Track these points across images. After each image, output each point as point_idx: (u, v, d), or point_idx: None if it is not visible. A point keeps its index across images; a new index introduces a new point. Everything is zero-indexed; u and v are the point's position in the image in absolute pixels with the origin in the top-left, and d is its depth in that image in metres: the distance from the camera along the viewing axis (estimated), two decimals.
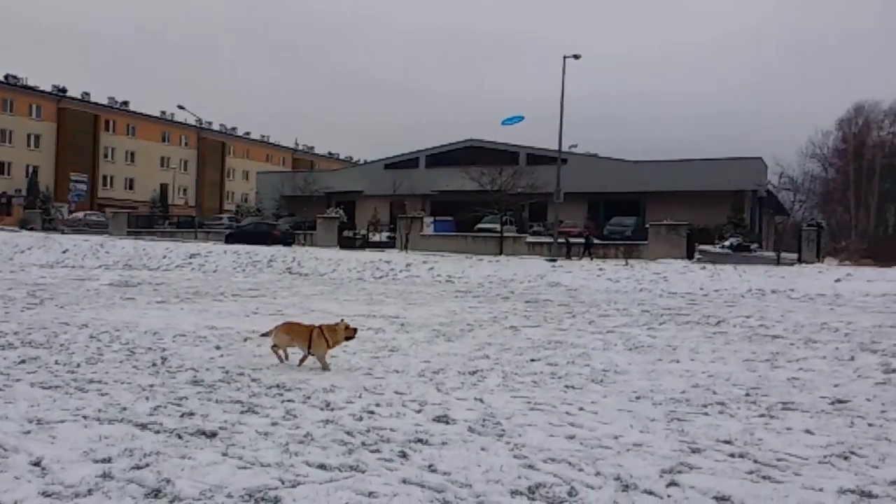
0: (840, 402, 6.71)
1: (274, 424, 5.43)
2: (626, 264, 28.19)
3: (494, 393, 6.78)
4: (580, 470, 4.50)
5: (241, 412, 5.77)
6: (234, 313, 13.02)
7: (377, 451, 4.83)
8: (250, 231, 42.45)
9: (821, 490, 4.23)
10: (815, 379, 7.79)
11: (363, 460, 4.61)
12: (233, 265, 28.54)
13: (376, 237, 44.90)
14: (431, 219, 44.52)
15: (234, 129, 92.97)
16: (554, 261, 30.65)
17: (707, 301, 18.17)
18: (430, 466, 4.52)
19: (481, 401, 6.42)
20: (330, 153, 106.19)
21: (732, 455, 4.91)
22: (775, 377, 7.87)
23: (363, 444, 4.98)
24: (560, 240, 35.07)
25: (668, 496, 4.08)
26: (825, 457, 4.91)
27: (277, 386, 6.81)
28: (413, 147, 60.84)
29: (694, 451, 5.00)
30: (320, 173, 61.24)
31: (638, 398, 6.70)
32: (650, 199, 44.56)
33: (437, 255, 34.04)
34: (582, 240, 35.28)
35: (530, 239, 39.82)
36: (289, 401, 6.21)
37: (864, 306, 16.93)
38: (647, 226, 37.59)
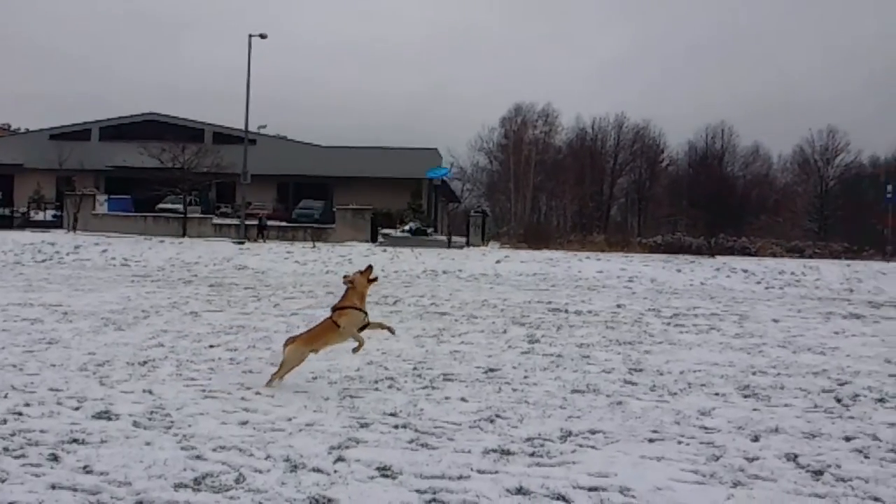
0: (492, 370, 7.54)
1: None
2: (314, 247, 28.60)
3: (166, 383, 6.49)
4: (250, 455, 4.51)
5: None
6: None
7: (23, 456, 4.36)
8: None
9: (469, 452, 4.73)
10: (473, 351, 8.66)
11: (4, 468, 4.12)
12: None
13: (39, 216, 40.29)
14: (105, 197, 40.88)
15: None
16: (241, 243, 30.03)
17: (387, 282, 19.15)
18: (85, 468, 4.20)
19: (151, 392, 6.10)
20: None
21: (397, 426, 5.28)
22: (440, 351, 8.60)
23: (5, 449, 4.46)
24: (251, 222, 34.51)
25: (335, 471, 4.27)
26: (475, 421, 5.50)
27: None
28: (84, 117, 54.89)
29: (363, 425, 5.28)
30: None
31: (315, 378, 6.88)
32: (338, 183, 45.50)
33: (112, 236, 31.38)
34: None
35: (217, 220, 38.50)
36: None
37: (518, 284, 19.19)
38: (335, 209, 38.46)
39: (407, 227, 35.78)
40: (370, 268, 6.71)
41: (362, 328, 6.46)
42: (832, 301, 17.43)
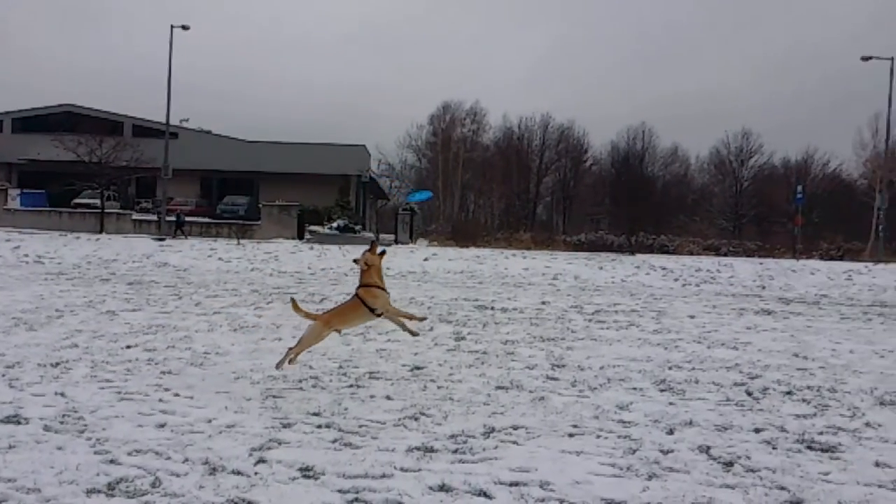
0: (418, 368, 7.56)
1: None
2: (239, 244, 28.07)
3: (80, 385, 6.26)
4: (167, 458, 4.41)
5: None
6: None
7: None
8: None
9: (392, 450, 4.73)
10: (399, 349, 8.66)
11: None
12: None
13: None
14: (18, 191, 39.18)
15: None
16: (162, 240, 29.26)
17: (314, 280, 18.97)
18: None
19: (63, 395, 5.88)
20: None
21: (320, 426, 5.24)
22: (366, 349, 8.57)
23: None
24: (169, 218, 33.60)
25: (256, 473, 4.21)
26: (399, 419, 5.51)
27: None
28: None
29: (285, 426, 5.22)
30: None
31: (237, 379, 6.76)
32: (264, 179, 44.77)
33: (26, 232, 30.07)
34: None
35: (137, 216, 37.42)
36: None
37: (446, 282, 19.28)
38: (261, 206, 37.83)
39: (335, 225, 35.48)
40: (374, 243, 6.65)
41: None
42: (745, 297, 18.14)
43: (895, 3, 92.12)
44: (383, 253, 6.56)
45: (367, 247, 6.59)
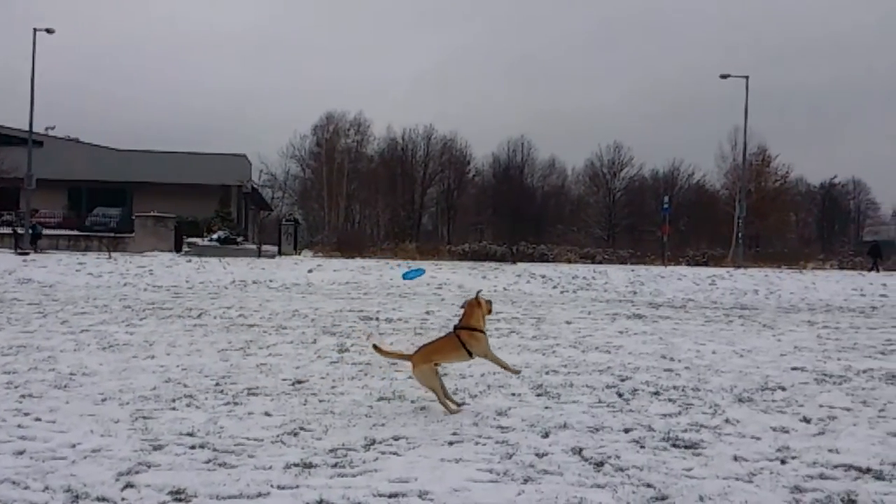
0: (299, 382, 7.45)
1: None
2: (110, 258, 26.73)
3: None
4: (25, 488, 4.14)
5: None
6: None
7: None
8: None
9: (270, 468, 4.63)
10: (280, 363, 8.50)
11: None
12: None
13: None
14: None
15: None
16: (26, 254, 27.50)
17: (192, 293, 18.32)
18: None
19: None
20: None
21: (194, 447, 5.06)
22: (246, 364, 8.36)
23: None
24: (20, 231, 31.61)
25: (123, 499, 4.02)
26: (278, 436, 5.40)
27: None
28: None
29: (156, 448, 5.01)
30: None
31: (104, 400, 6.43)
32: (138, 189, 42.81)
33: None
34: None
35: None
36: None
37: (330, 293, 19.10)
38: (134, 217, 36.19)
39: (215, 236, 34.35)
40: (489, 302, 6.64)
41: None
42: (618, 303, 18.97)
43: (750, 29, 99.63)
44: (490, 302, 6.62)
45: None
